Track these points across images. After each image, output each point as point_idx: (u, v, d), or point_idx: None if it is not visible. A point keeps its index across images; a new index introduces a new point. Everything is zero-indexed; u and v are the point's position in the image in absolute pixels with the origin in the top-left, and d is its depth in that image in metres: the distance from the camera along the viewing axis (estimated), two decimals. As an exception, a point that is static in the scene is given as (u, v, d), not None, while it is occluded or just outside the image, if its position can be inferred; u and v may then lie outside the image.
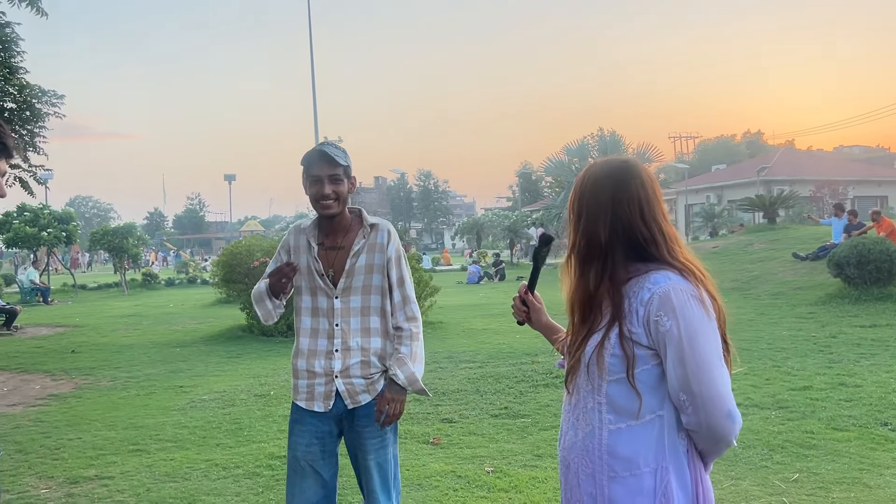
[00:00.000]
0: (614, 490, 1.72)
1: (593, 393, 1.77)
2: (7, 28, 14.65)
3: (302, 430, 2.87)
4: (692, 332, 1.67)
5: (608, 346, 1.73)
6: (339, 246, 2.90)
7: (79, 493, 4.82)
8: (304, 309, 2.92)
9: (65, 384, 8.92)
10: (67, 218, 24.10)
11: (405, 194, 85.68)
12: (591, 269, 1.80)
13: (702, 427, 1.70)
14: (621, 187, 1.78)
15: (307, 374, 2.88)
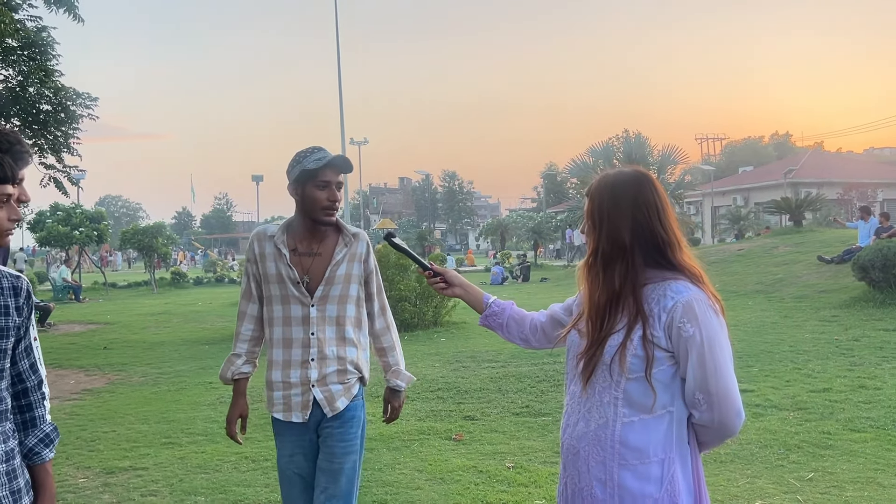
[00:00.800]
0: (624, 476, 1.87)
1: (611, 388, 1.90)
2: (44, 32, 15.04)
3: (283, 442, 2.85)
4: (712, 339, 1.85)
5: (630, 347, 1.87)
6: (315, 252, 2.83)
7: (115, 482, 5.03)
8: (276, 319, 2.82)
9: (98, 379, 9.19)
10: (99, 217, 24.60)
11: (430, 195, 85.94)
12: (614, 270, 1.93)
13: (714, 423, 1.88)
14: (639, 194, 1.94)
15: (282, 385, 2.81)
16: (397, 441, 5.76)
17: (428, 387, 7.74)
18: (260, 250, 2.84)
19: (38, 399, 2.03)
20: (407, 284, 12.52)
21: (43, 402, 2.05)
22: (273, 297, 2.82)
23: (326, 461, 2.81)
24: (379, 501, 4.45)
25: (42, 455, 2.01)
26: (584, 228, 2.05)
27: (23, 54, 14.92)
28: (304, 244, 2.83)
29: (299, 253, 2.81)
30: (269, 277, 2.81)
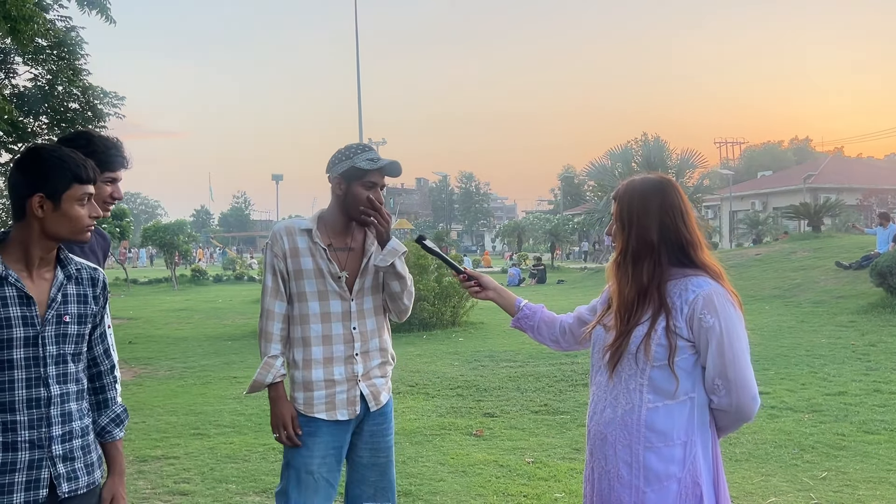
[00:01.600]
0: (649, 458, 2.04)
1: (636, 376, 2.07)
2: (73, 31, 15.35)
3: (317, 443, 2.72)
4: (730, 329, 2.02)
5: (655, 337, 2.04)
6: (349, 247, 2.81)
7: (148, 470, 5.23)
8: (313, 315, 2.74)
9: (125, 373, 9.42)
10: (121, 214, 24.97)
11: (447, 196, 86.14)
12: (642, 267, 2.10)
13: (732, 407, 2.05)
14: (666, 198, 2.13)
15: (325, 383, 2.73)
16: (419, 436, 5.92)
17: (448, 384, 7.90)
18: (291, 245, 2.75)
19: (111, 382, 2.23)
20: (426, 284, 12.69)
21: (115, 385, 2.25)
22: (308, 294, 2.73)
23: (372, 456, 2.80)
24: (404, 492, 4.61)
25: (113, 434, 2.20)
26: (612, 230, 2.21)
27: (52, 53, 15.23)
28: (338, 239, 2.80)
29: (335, 248, 2.78)
30: (305, 273, 2.73)
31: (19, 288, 1.97)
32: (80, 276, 2.12)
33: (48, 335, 2.00)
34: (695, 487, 2.02)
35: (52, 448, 1.99)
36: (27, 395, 1.96)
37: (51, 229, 2.01)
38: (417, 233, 3.85)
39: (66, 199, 2.00)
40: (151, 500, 4.61)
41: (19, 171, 2.02)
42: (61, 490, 2.01)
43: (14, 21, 10.22)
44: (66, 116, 15.60)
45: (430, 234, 50.68)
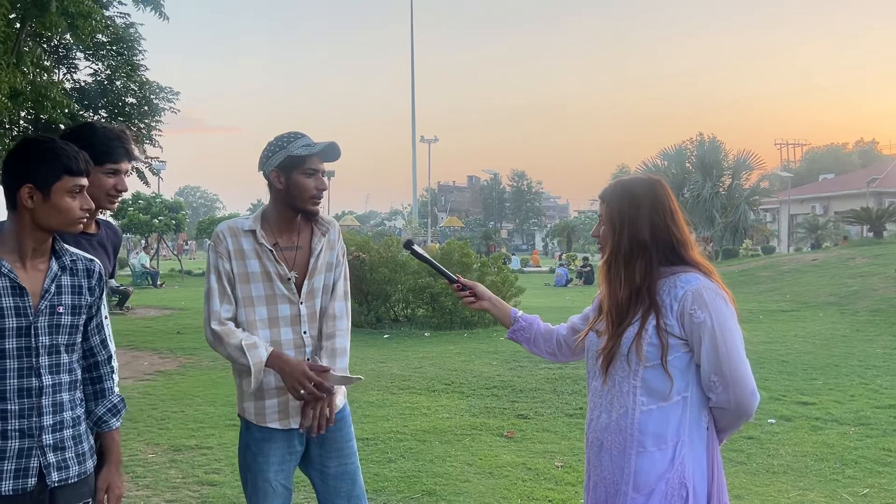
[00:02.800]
0: (640, 463, 2.01)
1: (629, 378, 2.03)
2: (131, 28, 15.74)
3: (273, 450, 2.61)
4: (722, 323, 1.97)
5: (646, 336, 2.00)
6: (297, 246, 2.65)
7: (181, 459, 5.31)
8: (260, 321, 2.58)
9: (170, 362, 9.63)
10: (177, 207, 25.60)
11: (497, 194, 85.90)
12: (634, 267, 2.06)
13: (730, 404, 1.99)
14: (656, 199, 2.10)
15: (278, 391, 2.58)
16: (449, 435, 5.89)
17: (483, 384, 7.85)
18: (236, 246, 2.58)
19: (108, 372, 2.24)
20: (469, 282, 12.65)
21: (112, 376, 2.26)
22: (255, 298, 2.58)
23: (339, 464, 2.69)
24: (428, 491, 4.59)
25: (110, 423, 2.22)
26: (599, 231, 2.17)
27: (111, 49, 15.66)
28: (284, 238, 2.63)
29: (281, 248, 2.61)
30: (251, 276, 2.57)
31: (12, 279, 1.99)
32: (75, 268, 2.13)
33: (41, 325, 2.01)
34: (680, 488, 1.98)
35: (43, 437, 2.01)
36: (18, 384, 1.98)
37: (41, 220, 2.02)
38: (405, 238, 3.69)
39: (55, 190, 2.01)
40: (181, 489, 4.69)
41: (11, 161, 2.04)
42: (51, 479, 2.03)
43: (73, 18, 10.51)
44: (124, 111, 16.02)
45: (479, 233, 50.60)
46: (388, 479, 4.80)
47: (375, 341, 11.33)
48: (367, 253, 13.16)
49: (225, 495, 4.54)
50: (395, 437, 5.79)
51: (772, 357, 9.25)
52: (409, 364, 9.16)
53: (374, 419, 6.40)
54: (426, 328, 12.66)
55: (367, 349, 10.44)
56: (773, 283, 19.25)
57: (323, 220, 2.71)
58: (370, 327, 12.55)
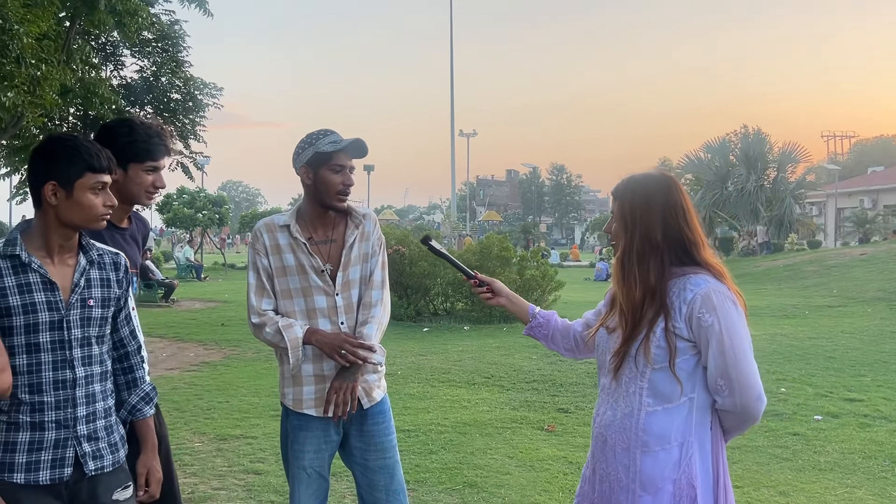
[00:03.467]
0: (645, 462, 2.01)
1: (636, 379, 2.04)
2: (176, 25, 16.01)
3: (309, 437, 2.68)
4: (730, 327, 1.96)
5: (654, 339, 2.00)
6: (331, 239, 2.72)
7: (227, 448, 5.42)
8: (298, 313, 2.66)
9: (215, 353, 9.81)
10: (220, 201, 25.99)
11: (536, 188, 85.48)
12: (648, 266, 2.04)
13: (736, 407, 1.99)
14: (668, 197, 2.08)
15: (315, 378, 2.66)
16: (490, 428, 5.91)
17: (523, 378, 7.85)
18: (272, 242, 2.68)
19: (139, 362, 2.30)
20: (507, 276, 12.64)
21: (142, 365, 2.32)
22: (293, 291, 2.67)
23: (378, 458, 2.73)
24: (469, 483, 4.62)
25: (143, 411, 2.29)
26: (611, 227, 2.16)
27: (157, 46, 15.95)
28: (318, 232, 2.71)
29: (316, 241, 2.69)
30: (288, 270, 2.67)
31: (42, 274, 2.04)
32: (103, 261, 2.18)
33: (73, 319, 2.06)
34: (689, 489, 1.99)
35: (78, 428, 2.07)
36: (53, 377, 2.04)
37: (65, 217, 2.05)
38: (424, 234, 3.56)
39: (78, 187, 2.04)
40: (227, 477, 4.78)
41: (36, 159, 2.08)
42: (87, 468, 2.08)
43: (120, 15, 10.74)
44: (169, 107, 16.32)
45: (517, 227, 50.46)
46: (429, 471, 4.84)
47: (415, 334, 11.39)
48: (407, 247, 13.22)
49: (270, 484, 4.63)
50: (436, 430, 5.83)
51: (818, 353, 9.08)
52: (449, 357, 9.19)
53: (415, 411, 6.45)
54: (465, 322, 12.69)
55: (406, 342, 10.51)
56: (819, 278, 18.88)
57: (356, 213, 2.77)
58: (410, 321, 12.63)
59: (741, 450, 5.30)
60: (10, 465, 2.00)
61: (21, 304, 2.00)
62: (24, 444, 2.01)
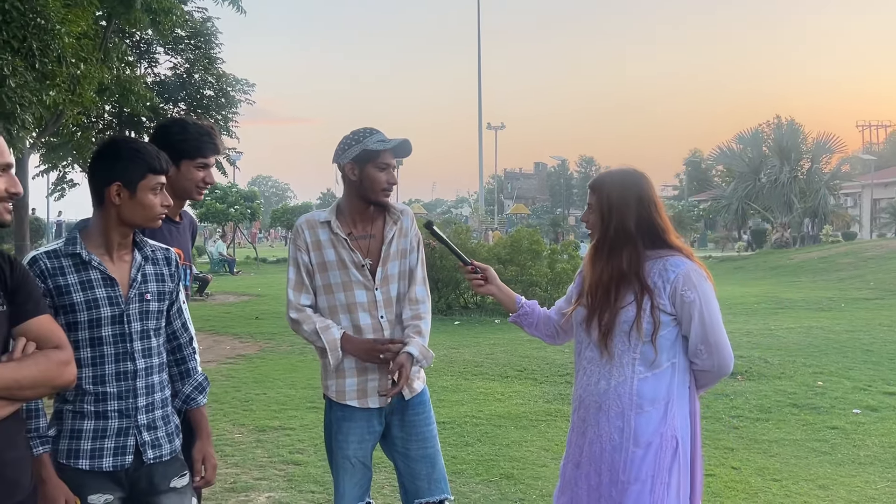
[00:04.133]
0: (639, 422, 2.31)
1: (629, 352, 2.32)
2: (208, 22, 16.21)
3: (353, 428, 2.75)
4: (708, 300, 2.30)
5: (644, 317, 2.28)
6: (370, 234, 2.79)
7: (266, 439, 5.52)
8: (340, 306, 2.74)
9: (250, 346, 9.95)
10: (252, 196, 26.29)
11: (565, 181, 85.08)
12: (620, 254, 2.33)
13: (714, 367, 2.33)
14: (641, 190, 2.36)
15: (357, 371, 2.74)
16: (524, 420, 5.94)
17: (556, 371, 7.86)
18: (314, 238, 2.76)
19: (191, 353, 2.39)
20: (538, 270, 12.64)
21: (194, 356, 2.41)
22: (333, 286, 2.75)
23: (420, 448, 2.80)
24: (506, 475, 4.66)
25: (197, 400, 2.37)
26: (588, 218, 2.42)
27: (190, 43, 16.18)
28: (358, 227, 2.79)
29: (356, 237, 2.77)
30: (329, 265, 2.74)
31: (102, 270, 2.13)
32: (156, 257, 2.28)
33: (132, 313, 2.15)
34: (672, 440, 2.30)
35: (138, 417, 2.16)
36: (115, 368, 2.13)
37: (126, 216, 2.15)
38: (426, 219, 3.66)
39: (141, 188, 2.14)
40: (267, 468, 4.87)
41: (99, 161, 2.17)
42: (146, 456, 2.17)
43: (155, 13, 10.93)
44: (202, 103, 16.54)
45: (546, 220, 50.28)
46: (466, 462, 4.89)
47: (446, 328, 11.45)
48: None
49: (310, 474, 4.71)
50: (471, 422, 5.88)
51: (855, 346, 8.98)
52: (481, 350, 9.23)
53: (449, 404, 6.50)
54: (496, 315, 12.70)
55: (438, 335, 10.56)
56: (854, 271, 18.59)
57: (395, 209, 2.85)
58: (441, 314, 12.68)
59: (779, 443, 5.27)
60: (77, 451, 2.10)
61: (84, 301, 2.09)
62: (89, 431, 2.11)
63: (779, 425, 5.72)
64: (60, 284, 2.08)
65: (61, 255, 2.12)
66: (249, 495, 4.40)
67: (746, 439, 5.37)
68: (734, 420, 5.86)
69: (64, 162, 16.37)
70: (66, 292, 2.08)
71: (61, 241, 2.17)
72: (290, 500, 4.34)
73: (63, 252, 2.12)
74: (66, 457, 2.09)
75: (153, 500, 2.21)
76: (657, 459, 2.28)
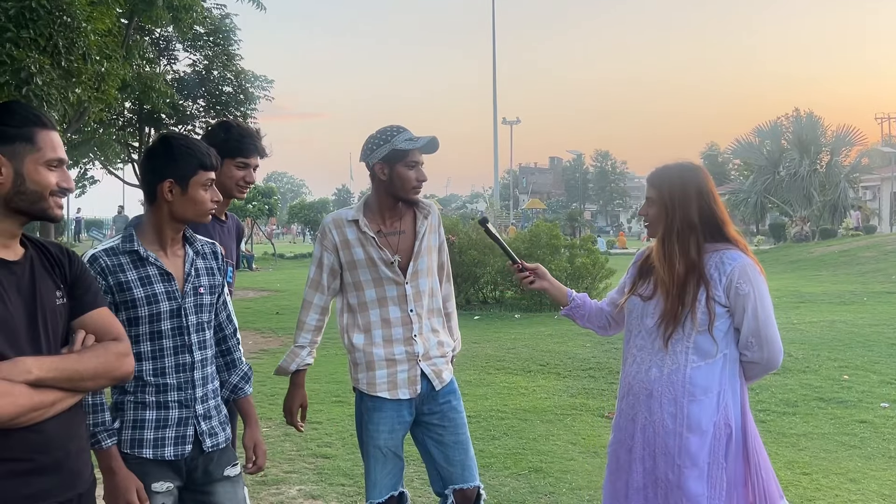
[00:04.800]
0: (692, 409, 2.36)
1: (683, 340, 2.39)
2: (227, 18, 16.27)
3: (383, 418, 2.82)
4: (762, 295, 2.37)
5: (699, 306, 2.35)
6: (399, 231, 2.84)
7: (294, 433, 5.51)
8: (370, 302, 2.82)
9: (272, 341, 10.02)
10: (269, 192, 26.40)
11: (580, 175, 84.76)
12: (688, 245, 2.38)
13: (763, 359, 2.40)
14: (701, 184, 2.42)
15: (387, 363, 2.81)
16: (550, 414, 5.95)
17: (579, 365, 7.87)
18: (341, 237, 2.81)
19: (235, 344, 2.44)
20: (558, 264, 12.63)
21: (238, 347, 2.46)
22: (364, 282, 2.81)
23: (451, 434, 2.87)
24: (535, 468, 4.67)
25: (244, 390, 2.43)
26: (647, 212, 2.48)
27: (209, 40, 16.26)
28: (387, 224, 2.83)
29: (384, 234, 2.82)
30: (358, 263, 2.80)
31: (159, 266, 2.18)
32: (205, 251, 2.33)
33: (188, 306, 2.21)
34: (726, 428, 2.36)
35: (196, 407, 2.21)
36: (175, 361, 2.19)
37: (178, 212, 2.19)
38: (482, 215, 3.79)
39: (192, 184, 2.18)
40: (296, 461, 4.92)
41: (151, 158, 2.21)
42: (206, 445, 2.22)
43: (176, 10, 11.00)
44: (221, 100, 16.61)
45: (561, 215, 50.15)
46: (494, 456, 4.91)
47: (467, 322, 11.46)
48: (457, 235, 13.28)
49: (339, 467, 4.74)
50: (497, 416, 5.90)
51: (880, 340, 8.90)
52: (503, 345, 9.25)
53: (474, 398, 6.52)
54: (516, 310, 12.71)
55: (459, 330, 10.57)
56: (876, 264, 18.42)
57: (424, 205, 2.91)
58: (460, 309, 12.54)
59: (807, 437, 5.25)
60: (140, 441, 2.15)
61: (144, 296, 2.14)
62: (151, 421, 2.16)
63: (806, 419, 5.70)
64: (121, 281, 2.12)
65: (119, 252, 2.16)
66: (280, 488, 4.44)
67: (774, 433, 5.35)
68: (761, 414, 5.83)
69: (85, 159, 16.50)
70: (126, 288, 2.12)
71: (118, 238, 2.21)
72: (321, 492, 4.38)
73: (121, 249, 2.16)
74: (129, 447, 2.14)
75: (208, 488, 2.26)
76: (713, 448, 2.35)
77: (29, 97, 6.90)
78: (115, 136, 15.83)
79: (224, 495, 2.27)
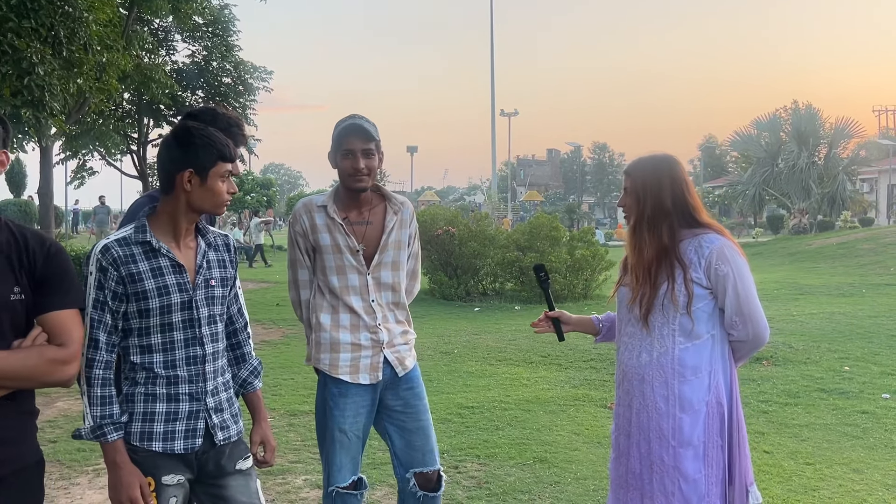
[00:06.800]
0: (683, 390, 2.43)
1: (668, 324, 2.45)
2: (226, 9, 16.21)
3: (348, 403, 2.83)
4: (741, 273, 2.42)
5: (678, 289, 2.41)
6: (367, 221, 2.85)
7: (298, 423, 5.58)
8: (335, 288, 2.83)
9: (274, 332, 10.02)
10: (268, 184, 26.37)
11: (578, 167, 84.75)
12: (660, 230, 2.45)
13: (749, 336, 2.45)
14: (674, 172, 2.50)
15: (351, 347, 2.82)
16: (553, 405, 5.97)
17: (580, 357, 7.88)
18: (311, 222, 2.83)
19: (246, 338, 2.42)
20: (558, 256, 12.63)
21: (249, 341, 2.44)
22: (328, 269, 2.83)
23: (413, 420, 2.90)
24: (539, 458, 4.69)
25: (254, 384, 2.42)
26: (624, 202, 2.54)
27: (208, 31, 16.20)
28: (354, 213, 2.84)
29: (352, 222, 2.83)
30: (325, 248, 2.82)
31: (171, 258, 2.15)
32: (217, 243, 2.30)
33: (199, 298, 2.18)
34: (718, 407, 2.43)
35: (207, 400, 2.19)
36: (186, 353, 2.16)
37: (196, 203, 2.15)
38: (534, 262, 3.83)
39: (211, 175, 2.14)
40: (301, 451, 4.93)
41: (171, 147, 2.16)
42: (217, 438, 2.20)
43: (175, 1, 10.95)
44: (220, 91, 16.57)
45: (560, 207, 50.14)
46: (498, 446, 4.93)
47: (467, 314, 11.48)
48: (456, 227, 13.28)
49: (344, 457, 4.74)
50: (500, 406, 5.91)
51: (880, 332, 8.93)
52: (503, 336, 9.26)
53: (476, 389, 6.54)
54: (515, 302, 12.73)
55: (459, 321, 10.61)
56: (874, 256, 18.45)
57: (396, 200, 2.94)
58: (460, 300, 12.70)
59: (810, 427, 5.28)
60: (150, 433, 2.12)
61: (155, 288, 2.11)
62: (162, 414, 2.13)
63: (808, 410, 5.72)
64: (133, 272, 2.09)
65: (131, 242, 2.12)
66: (286, 478, 4.45)
67: (777, 424, 5.38)
68: (762, 405, 5.86)
69: (84, 150, 16.45)
70: (138, 280, 2.09)
71: (130, 228, 2.17)
72: (327, 482, 4.38)
73: (133, 240, 2.13)
74: (139, 439, 2.11)
75: (221, 482, 2.23)
76: (707, 426, 2.42)
77: (31, 87, 6.88)
78: (115, 126, 15.79)
79: (236, 489, 2.25)
